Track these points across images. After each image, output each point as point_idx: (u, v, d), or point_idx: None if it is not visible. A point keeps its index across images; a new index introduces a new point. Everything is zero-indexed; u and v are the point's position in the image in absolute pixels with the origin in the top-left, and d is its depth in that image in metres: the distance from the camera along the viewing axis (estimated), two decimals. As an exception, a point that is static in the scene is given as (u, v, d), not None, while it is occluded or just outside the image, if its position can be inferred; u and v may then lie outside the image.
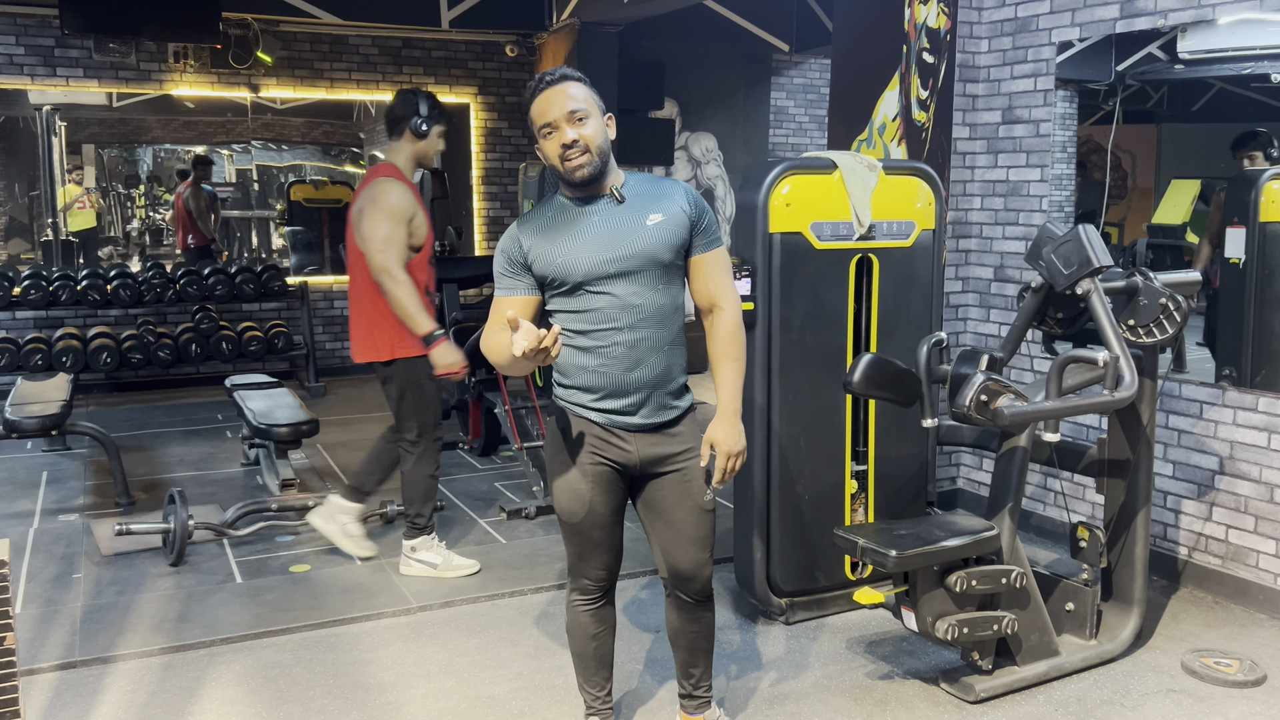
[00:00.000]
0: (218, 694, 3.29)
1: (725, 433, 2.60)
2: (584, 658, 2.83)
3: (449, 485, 5.52)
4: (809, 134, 9.84)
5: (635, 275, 2.53)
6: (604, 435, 2.60)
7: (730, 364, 2.65)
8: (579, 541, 2.68)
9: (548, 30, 8.57)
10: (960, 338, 4.99)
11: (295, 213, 9.55)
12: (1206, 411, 4.02)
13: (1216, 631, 3.75)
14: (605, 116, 2.57)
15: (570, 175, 2.50)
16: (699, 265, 2.64)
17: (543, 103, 2.50)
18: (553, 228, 2.56)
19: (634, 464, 2.62)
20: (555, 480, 2.66)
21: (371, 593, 4.06)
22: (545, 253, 2.53)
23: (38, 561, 4.39)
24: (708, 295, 2.66)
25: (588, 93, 2.53)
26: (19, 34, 7.45)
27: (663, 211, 2.56)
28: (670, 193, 2.61)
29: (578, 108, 2.48)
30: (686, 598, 2.75)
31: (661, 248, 2.54)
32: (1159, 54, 4.22)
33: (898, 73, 4.85)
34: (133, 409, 7.45)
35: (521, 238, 2.57)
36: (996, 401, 2.98)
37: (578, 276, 2.51)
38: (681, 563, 2.69)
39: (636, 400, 2.57)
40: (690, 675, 2.88)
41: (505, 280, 2.59)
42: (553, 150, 2.50)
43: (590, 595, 2.76)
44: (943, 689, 3.30)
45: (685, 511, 2.66)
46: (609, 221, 2.54)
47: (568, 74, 2.53)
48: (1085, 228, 3.13)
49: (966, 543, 3.13)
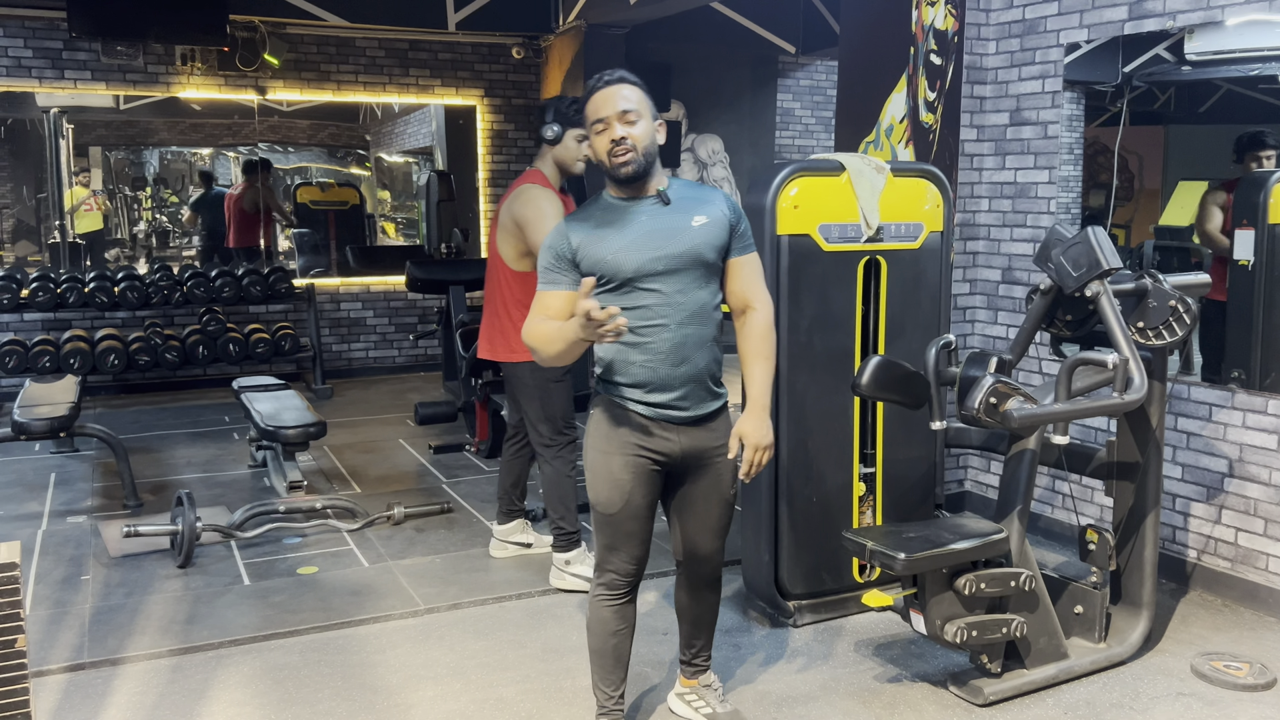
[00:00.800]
0: (226, 696, 3.30)
1: (754, 426, 2.73)
2: (602, 655, 2.86)
3: (456, 487, 5.52)
4: (815, 136, 9.83)
5: (681, 273, 2.65)
6: (650, 428, 2.70)
7: (761, 362, 2.79)
8: (612, 532, 2.76)
9: (554, 32, 8.57)
10: (968, 340, 4.98)
11: (302, 215, 9.57)
12: (1216, 414, 4.01)
13: (1226, 635, 3.74)
14: (656, 121, 2.69)
15: (616, 171, 2.63)
16: (735, 268, 2.78)
17: (598, 100, 2.64)
18: (602, 226, 2.67)
19: (676, 456, 2.74)
20: (595, 471, 2.75)
21: (379, 595, 4.06)
22: (594, 250, 2.63)
23: (46, 563, 4.40)
24: (742, 297, 2.80)
25: (641, 96, 2.66)
26: (27, 37, 7.47)
27: (707, 214, 2.70)
28: (712, 197, 2.76)
29: (630, 108, 2.62)
30: (698, 579, 2.93)
31: (706, 248, 2.68)
32: (1166, 55, 4.21)
33: (905, 74, 4.85)
34: (140, 411, 7.46)
35: (570, 234, 2.67)
36: (1006, 404, 2.98)
37: (627, 273, 2.62)
38: (700, 548, 2.87)
39: (682, 394, 2.70)
40: (692, 646, 3.06)
41: (551, 275, 2.69)
42: (602, 146, 2.63)
43: (616, 591, 2.81)
44: (951, 692, 3.29)
45: (712, 503, 2.83)
46: (656, 221, 2.67)
47: (625, 76, 2.67)
48: (1094, 229, 3.12)
49: (975, 545, 3.13)
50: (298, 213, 9.70)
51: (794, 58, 9.46)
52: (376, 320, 8.84)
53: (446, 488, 5.52)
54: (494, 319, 4.15)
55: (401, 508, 4.90)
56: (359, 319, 8.78)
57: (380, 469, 5.90)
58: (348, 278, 8.90)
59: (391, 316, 8.88)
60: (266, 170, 9.07)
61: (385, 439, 6.59)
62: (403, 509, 4.89)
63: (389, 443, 6.49)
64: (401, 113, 10.34)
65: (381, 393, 8.13)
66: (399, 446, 6.40)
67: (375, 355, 8.85)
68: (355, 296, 8.77)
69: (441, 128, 9.51)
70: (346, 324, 8.73)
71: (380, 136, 10.72)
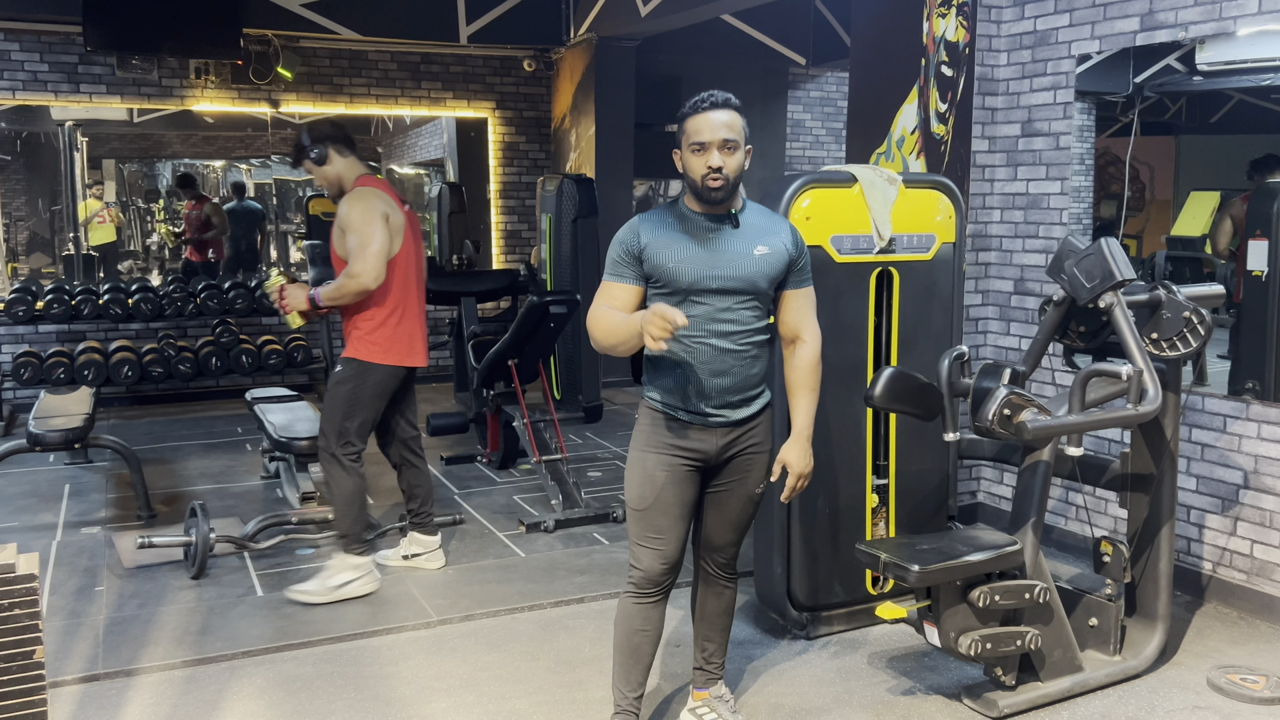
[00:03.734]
0: (239, 707, 3.30)
1: (798, 455, 2.87)
2: (623, 651, 2.88)
3: (468, 498, 5.53)
4: (826, 147, 9.85)
5: (733, 295, 2.73)
6: (688, 430, 2.78)
7: (807, 393, 2.90)
8: (642, 528, 2.81)
9: (565, 45, 8.61)
10: (981, 351, 4.98)
11: (314, 227, 9.61)
12: (1230, 425, 3.99)
13: (1242, 648, 3.72)
14: (746, 148, 2.75)
15: (707, 194, 2.71)
16: (789, 299, 2.87)
17: (701, 121, 2.70)
18: (672, 232, 2.75)
19: (711, 455, 2.81)
20: (631, 469, 2.84)
21: (392, 606, 4.06)
22: (659, 253, 2.72)
23: (60, 574, 4.42)
24: (793, 328, 2.89)
25: (742, 124, 2.73)
26: (43, 51, 7.53)
27: (769, 245, 2.78)
28: (779, 229, 2.83)
29: (731, 138, 2.69)
30: (712, 568, 3.00)
31: (761, 278, 2.76)
32: (1178, 66, 4.21)
33: (916, 86, 4.86)
34: (153, 422, 7.49)
35: (642, 232, 2.75)
36: (1020, 416, 2.97)
37: (684, 283, 2.70)
38: (715, 538, 2.96)
39: (720, 402, 2.77)
40: (705, 648, 3.09)
41: (618, 267, 2.76)
42: (698, 167, 2.69)
43: (645, 591, 2.84)
44: (965, 705, 3.28)
45: (737, 499, 2.90)
46: (722, 241, 2.74)
47: (730, 100, 2.73)
48: (1108, 240, 3.12)
49: (989, 557, 3.12)
50: (310, 224, 9.76)
51: (804, 69, 9.48)
52: (388, 332, 8.86)
53: (458, 499, 5.53)
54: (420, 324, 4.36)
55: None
56: (371, 330, 8.79)
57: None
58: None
59: (403, 328, 8.89)
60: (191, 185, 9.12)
61: (397, 450, 6.59)
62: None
63: (401, 454, 6.49)
64: (413, 125, 10.40)
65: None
66: (411, 458, 6.40)
67: (387, 366, 8.86)
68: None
69: (453, 140, 9.56)
70: (358, 335, 8.74)
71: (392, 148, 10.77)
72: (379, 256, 4.00)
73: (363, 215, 4.00)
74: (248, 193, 10.37)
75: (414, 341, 4.25)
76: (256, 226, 9.76)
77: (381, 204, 4.06)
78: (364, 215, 4.00)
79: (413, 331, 4.24)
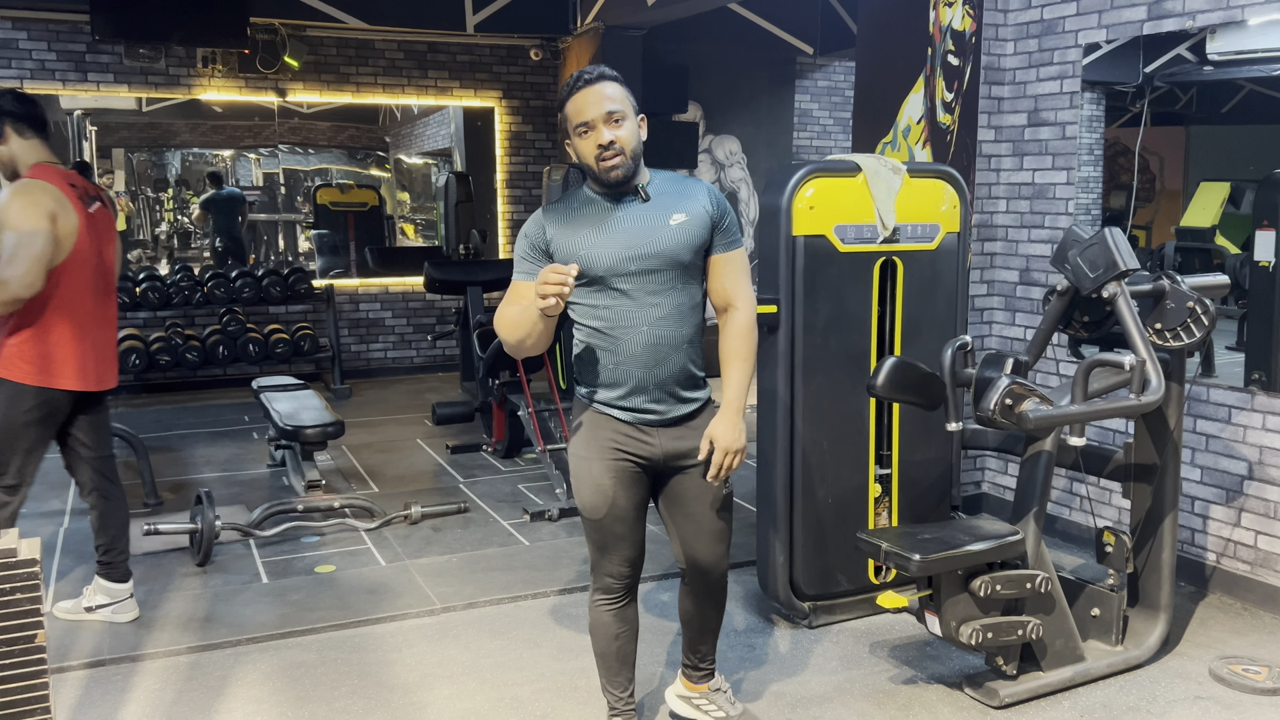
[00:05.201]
0: (244, 693, 3.32)
1: (725, 429, 2.60)
2: (606, 658, 2.84)
3: (473, 487, 5.54)
4: (833, 137, 9.81)
5: (656, 274, 2.57)
6: (627, 431, 2.65)
7: (739, 362, 2.68)
8: (600, 536, 2.71)
9: (572, 34, 8.59)
10: (986, 341, 4.96)
11: (321, 216, 9.62)
12: (1235, 416, 3.98)
13: (1245, 638, 3.71)
14: (639, 117, 2.60)
15: (605, 176, 2.55)
16: (717, 265, 2.68)
17: (580, 101, 2.53)
18: (577, 219, 2.60)
19: (657, 458, 2.67)
20: (578, 476, 2.69)
21: (396, 593, 4.08)
22: (568, 243, 2.57)
23: (67, 561, 4.45)
24: (724, 295, 2.70)
25: (624, 93, 2.56)
26: (51, 40, 7.55)
27: (686, 211, 2.60)
28: (693, 192, 2.65)
29: (615, 109, 2.52)
30: (702, 588, 2.85)
31: (682, 248, 2.59)
32: (1188, 55, 4.18)
33: (922, 75, 4.84)
34: (160, 410, 7.52)
35: (546, 224, 2.61)
36: (1022, 405, 2.97)
37: (599, 270, 2.55)
38: (700, 556, 2.78)
39: (657, 396, 2.62)
40: (697, 651, 2.99)
41: (525, 265, 2.62)
42: (588, 150, 2.54)
43: (613, 594, 2.77)
44: (967, 694, 3.28)
45: (705, 505, 2.73)
46: (633, 219, 2.59)
47: (605, 73, 2.56)
48: (1111, 231, 3.11)
49: (991, 547, 3.12)
50: (317, 214, 9.76)
51: (812, 59, 9.44)
52: (395, 321, 8.89)
53: (463, 487, 5.54)
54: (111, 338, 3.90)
55: (419, 507, 4.92)
56: (378, 320, 8.82)
57: (398, 469, 5.93)
58: (366, 278, 8.94)
59: (410, 317, 8.92)
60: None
61: (403, 439, 6.62)
62: (420, 508, 4.92)
63: (406, 443, 6.53)
64: (420, 114, 10.39)
65: (399, 393, 8.17)
66: (416, 446, 6.43)
67: (393, 356, 8.90)
68: (374, 297, 8.81)
69: (460, 129, 9.54)
70: (365, 324, 8.77)
71: (399, 138, 10.77)
72: (35, 262, 3.41)
73: (22, 212, 3.42)
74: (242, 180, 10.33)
75: (85, 361, 3.68)
76: (238, 213, 9.72)
77: (50, 201, 3.48)
78: (23, 212, 3.42)
79: (83, 351, 3.66)
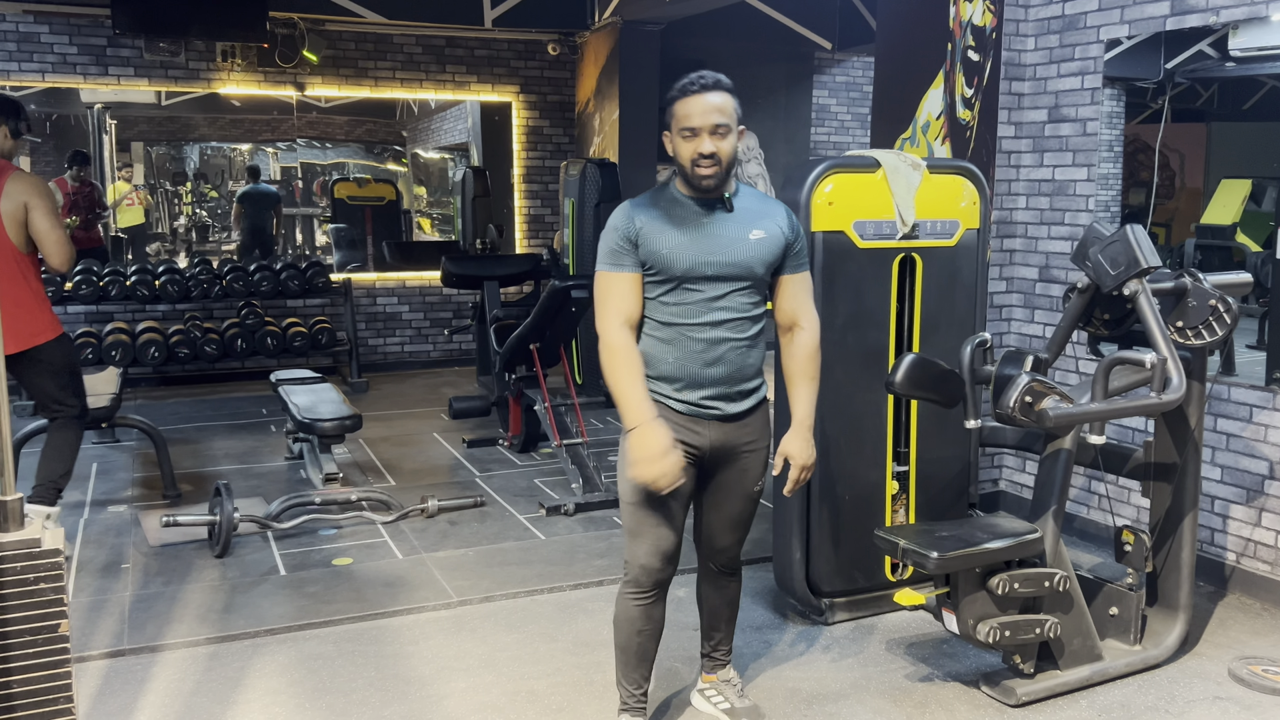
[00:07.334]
0: (262, 684, 3.34)
1: (800, 447, 2.79)
2: (626, 651, 2.86)
3: (489, 481, 5.56)
4: (851, 132, 9.79)
5: (728, 281, 2.67)
6: (681, 421, 2.73)
7: (806, 382, 2.82)
8: (637, 520, 2.74)
9: (590, 29, 8.59)
10: (1005, 339, 4.94)
11: (338, 210, 9.66)
12: (1256, 415, 3.95)
13: (1265, 639, 3.69)
14: (739, 129, 2.65)
15: (698, 181, 2.62)
16: (785, 285, 2.80)
17: (690, 105, 2.58)
18: (665, 217, 2.67)
19: (705, 449, 2.75)
20: (625, 459, 2.74)
21: (413, 586, 4.10)
22: (654, 238, 2.64)
23: (87, 551, 4.48)
24: (790, 314, 2.83)
25: (733, 105, 2.61)
26: (72, 34, 7.59)
27: (764, 229, 2.70)
28: (773, 212, 2.76)
29: (722, 122, 2.58)
30: (715, 567, 2.99)
31: (757, 263, 2.69)
32: (1209, 51, 4.15)
33: (942, 71, 4.82)
34: (179, 403, 7.57)
35: (635, 216, 2.67)
36: (1041, 403, 2.95)
37: (678, 270, 2.64)
38: (716, 539, 2.93)
39: (713, 393, 2.71)
40: (711, 637, 3.10)
41: (616, 256, 2.66)
42: (686, 153, 2.60)
43: (643, 588, 2.78)
44: (983, 692, 3.28)
45: (736, 498, 2.85)
46: (716, 227, 2.67)
47: (720, 82, 2.61)
48: (1133, 228, 3.09)
49: (1009, 545, 3.11)
50: (335, 208, 9.79)
51: (830, 54, 9.41)
52: (412, 315, 8.91)
53: (480, 481, 5.56)
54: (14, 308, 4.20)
55: (435, 501, 4.93)
56: (395, 314, 8.85)
57: (414, 462, 5.95)
58: (384, 273, 8.97)
59: (427, 311, 8.94)
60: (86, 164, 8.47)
61: (420, 433, 6.64)
62: (436, 502, 4.93)
63: (423, 436, 6.55)
64: (438, 109, 10.41)
65: (416, 387, 8.19)
66: (433, 440, 6.45)
67: (410, 350, 8.92)
68: (391, 291, 8.84)
69: (477, 124, 9.56)
70: (382, 318, 8.80)
71: (417, 133, 10.80)
72: None
73: None
74: (263, 176, 10.38)
75: None
76: (271, 210, 9.77)
77: None
78: None
79: None
